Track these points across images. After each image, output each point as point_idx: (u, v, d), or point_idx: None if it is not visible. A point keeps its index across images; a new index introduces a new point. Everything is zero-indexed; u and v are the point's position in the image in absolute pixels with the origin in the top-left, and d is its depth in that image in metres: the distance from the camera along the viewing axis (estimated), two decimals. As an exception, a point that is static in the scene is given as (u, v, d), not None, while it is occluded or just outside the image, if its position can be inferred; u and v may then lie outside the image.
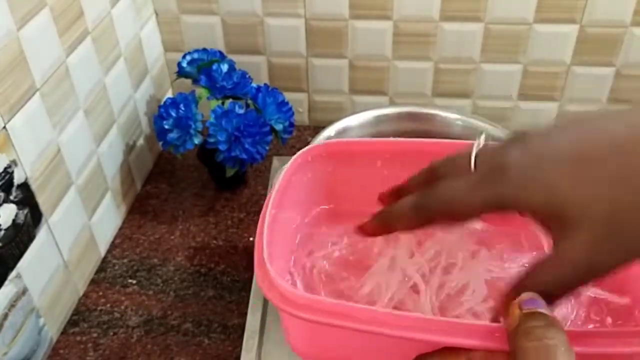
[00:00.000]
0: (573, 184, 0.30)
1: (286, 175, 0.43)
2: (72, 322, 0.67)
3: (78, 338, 0.65)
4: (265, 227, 0.39)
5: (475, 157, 0.35)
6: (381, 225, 0.40)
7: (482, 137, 0.36)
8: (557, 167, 0.31)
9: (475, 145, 0.36)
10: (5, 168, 0.55)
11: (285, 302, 0.35)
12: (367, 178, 0.46)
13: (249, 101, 0.79)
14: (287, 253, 0.46)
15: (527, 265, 0.36)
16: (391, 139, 0.54)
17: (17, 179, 0.57)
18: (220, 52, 0.82)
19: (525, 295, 0.31)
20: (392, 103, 0.93)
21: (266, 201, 0.41)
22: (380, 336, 0.33)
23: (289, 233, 0.46)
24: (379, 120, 0.69)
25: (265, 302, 0.64)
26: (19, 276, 0.58)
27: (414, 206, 0.37)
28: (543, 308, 0.30)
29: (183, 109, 0.76)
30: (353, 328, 0.33)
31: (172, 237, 0.78)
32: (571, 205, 0.30)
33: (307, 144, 0.64)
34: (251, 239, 0.77)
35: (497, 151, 0.34)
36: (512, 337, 0.30)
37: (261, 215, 0.40)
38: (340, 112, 0.94)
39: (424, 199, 0.36)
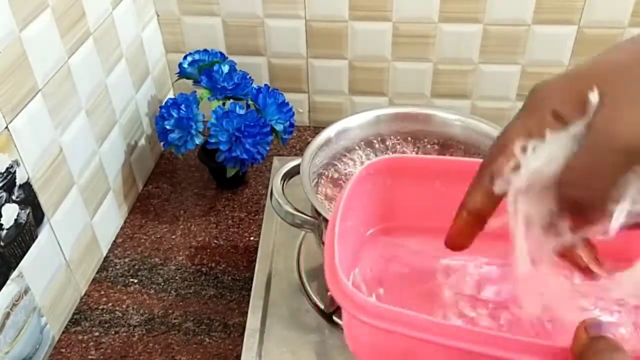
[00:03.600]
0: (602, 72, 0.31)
1: (351, 187, 0.44)
2: (73, 321, 0.67)
3: (80, 337, 0.66)
4: (336, 236, 0.40)
5: None
6: (464, 219, 0.38)
7: None
8: (580, 74, 0.32)
9: None
10: (8, 168, 0.55)
11: (358, 309, 0.36)
12: (425, 194, 0.48)
13: (250, 102, 0.79)
14: (349, 262, 0.47)
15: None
16: (451, 157, 0.57)
17: (20, 178, 0.57)
18: (221, 53, 0.83)
19: (591, 320, 0.31)
20: (391, 104, 0.93)
21: (334, 211, 0.42)
22: (449, 349, 0.34)
23: (351, 242, 0.48)
24: (378, 120, 0.69)
25: (266, 301, 0.64)
26: (21, 275, 0.58)
27: (478, 172, 0.36)
28: (609, 332, 0.31)
29: (184, 109, 0.76)
30: (422, 339, 0.35)
31: (173, 236, 0.78)
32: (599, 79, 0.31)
33: (307, 144, 0.64)
34: (252, 238, 0.77)
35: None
36: None
37: (329, 224, 0.41)
38: (340, 113, 0.95)
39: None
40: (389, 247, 0.49)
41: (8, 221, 0.56)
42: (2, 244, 0.55)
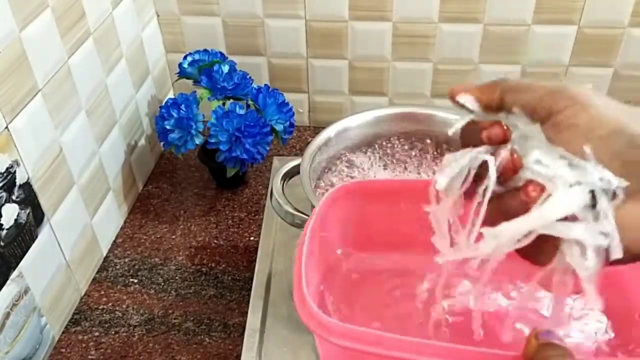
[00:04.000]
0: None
1: (320, 210, 0.46)
2: (73, 321, 0.67)
3: (80, 337, 0.66)
4: (304, 259, 0.42)
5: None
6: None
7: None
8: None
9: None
10: (8, 168, 0.55)
11: (323, 330, 0.38)
12: (391, 215, 0.50)
13: (250, 102, 0.79)
14: (318, 277, 0.49)
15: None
16: (412, 179, 0.61)
17: (20, 178, 0.57)
18: (221, 53, 0.83)
19: (542, 327, 0.33)
20: (391, 104, 0.93)
21: (302, 235, 0.44)
22: None
23: (323, 258, 0.50)
24: (378, 120, 0.69)
25: (266, 301, 0.64)
26: (21, 275, 0.58)
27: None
28: (558, 339, 0.32)
29: (184, 109, 0.76)
30: (383, 355, 0.36)
31: (173, 236, 0.78)
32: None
33: (307, 144, 0.64)
34: (252, 238, 0.77)
35: None
36: None
37: (297, 247, 0.43)
38: (340, 113, 0.95)
39: None
40: (359, 264, 0.52)
41: (8, 221, 0.56)
42: (2, 244, 0.55)
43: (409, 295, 0.48)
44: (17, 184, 0.57)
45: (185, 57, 0.82)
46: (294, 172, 0.64)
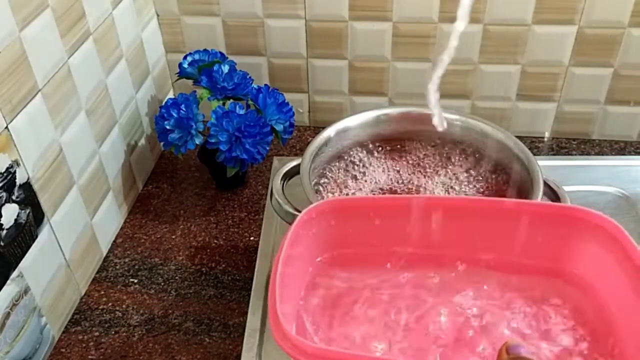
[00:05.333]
0: None
1: (294, 231, 0.47)
2: (73, 321, 0.67)
3: (80, 337, 0.66)
4: (278, 280, 0.42)
5: None
6: None
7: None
8: None
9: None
10: (8, 168, 0.55)
11: (298, 352, 0.39)
12: (364, 229, 0.51)
13: (250, 102, 0.79)
14: (296, 296, 0.50)
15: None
16: (385, 196, 0.63)
17: (20, 178, 0.57)
18: (221, 53, 0.83)
19: (512, 341, 0.34)
20: (391, 104, 0.93)
21: (277, 255, 0.45)
22: None
23: (298, 279, 0.51)
24: (378, 120, 0.69)
25: (266, 301, 0.64)
26: (21, 275, 0.58)
27: None
28: (528, 353, 0.33)
29: (184, 109, 0.76)
30: None
31: (173, 236, 0.78)
32: None
33: (307, 144, 0.64)
34: (252, 238, 0.77)
35: None
36: None
37: (273, 268, 0.44)
38: (340, 113, 0.95)
39: None
40: (335, 281, 0.52)
41: (8, 221, 0.56)
42: (2, 244, 0.55)
43: (386, 311, 0.48)
44: (17, 184, 0.57)
45: (185, 57, 0.82)
46: (294, 172, 0.64)
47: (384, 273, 0.51)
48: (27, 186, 0.58)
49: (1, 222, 0.55)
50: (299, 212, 0.60)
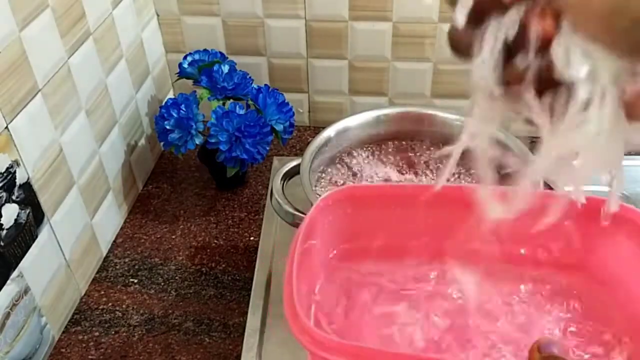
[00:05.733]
0: None
1: (310, 218, 0.46)
2: (73, 321, 0.67)
3: (80, 337, 0.66)
4: (294, 271, 0.41)
5: None
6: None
7: None
8: None
9: None
10: (8, 168, 0.55)
11: (316, 345, 0.38)
12: (382, 219, 0.49)
13: (250, 102, 0.79)
14: (310, 289, 0.49)
15: None
16: (405, 183, 0.59)
17: (20, 178, 0.57)
18: (221, 53, 0.83)
19: (544, 339, 0.33)
20: (391, 104, 0.93)
21: (293, 244, 0.44)
22: None
23: (314, 268, 0.49)
24: (378, 120, 0.69)
25: (266, 301, 0.64)
26: (21, 275, 0.58)
27: None
28: (560, 352, 0.32)
29: (184, 109, 0.76)
30: None
31: (173, 236, 0.78)
32: None
33: (307, 144, 0.64)
34: (252, 238, 0.77)
35: None
36: None
37: (288, 258, 0.43)
38: (340, 113, 0.94)
39: None
40: (351, 272, 0.51)
41: (8, 221, 0.56)
42: (2, 244, 0.55)
43: (403, 303, 0.48)
44: (17, 184, 0.57)
45: (185, 57, 0.82)
46: (294, 172, 0.64)
47: (402, 266, 0.50)
48: (27, 186, 0.58)
49: (1, 222, 0.55)
50: (299, 212, 0.60)
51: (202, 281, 0.72)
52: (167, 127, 0.77)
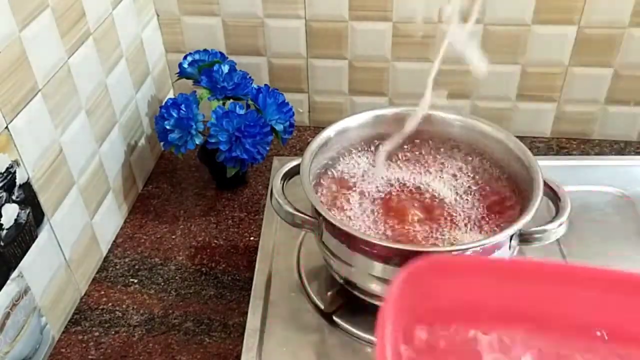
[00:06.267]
0: None
1: (395, 289, 0.44)
2: (73, 321, 0.67)
3: (80, 337, 0.66)
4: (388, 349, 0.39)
5: None
6: None
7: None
8: None
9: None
10: (8, 168, 0.55)
11: None
12: (466, 292, 0.48)
13: (250, 102, 0.79)
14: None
15: None
16: (492, 258, 0.55)
17: (20, 179, 0.57)
18: (221, 53, 0.83)
19: None
20: (391, 104, 0.93)
21: (381, 319, 0.41)
22: None
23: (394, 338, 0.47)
24: (378, 120, 0.69)
25: (266, 301, 0.64)
26: (21, 275, 0.58)
27: None
28: None
29: (184, 109, 0.76)
30: None
31: (173, 236, 0.78)
32: None
33: (307, 144, 0.64)
34: (252, 238, 0.77)
35: None
36: None
37: (378, 325, 0.41)
38: (340, 113, 0.95)
39: None
40: (432, 339, 0.49)
41: (8, 221, 0.56)
42: (2, 244, 0.55)
43: None
44: (17, 184, 0.57)
45: (185, 57, 0.82)
46: (294, 172, 0.64)
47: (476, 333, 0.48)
48: (27, 186, 0.58)
49: (1, 222, 0.55)
50: (299, 212, 0.60)
51: (202, 281, 0.72)
52: (167, 127, 0.77)
